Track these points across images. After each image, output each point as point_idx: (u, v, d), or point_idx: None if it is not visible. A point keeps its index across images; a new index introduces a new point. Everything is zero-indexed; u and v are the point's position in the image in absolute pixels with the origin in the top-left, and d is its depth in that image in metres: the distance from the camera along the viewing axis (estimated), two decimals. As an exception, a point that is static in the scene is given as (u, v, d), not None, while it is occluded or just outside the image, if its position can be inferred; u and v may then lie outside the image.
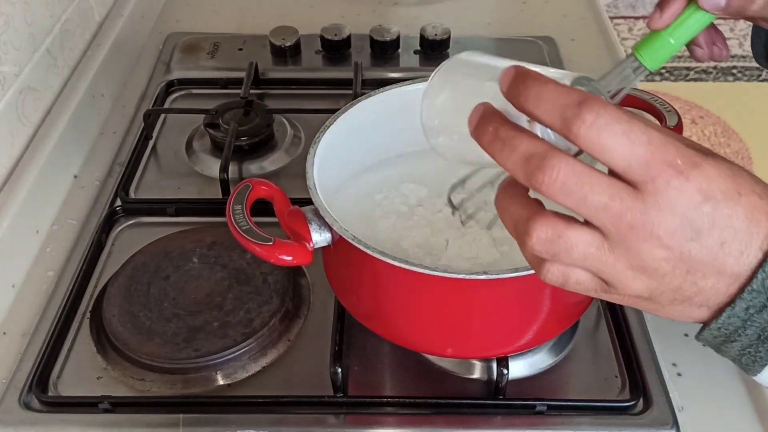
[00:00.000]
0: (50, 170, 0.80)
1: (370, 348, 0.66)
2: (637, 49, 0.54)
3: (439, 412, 0.62)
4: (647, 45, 0.54)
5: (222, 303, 0.68)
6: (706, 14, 0.51)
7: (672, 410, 0.61)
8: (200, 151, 0.88)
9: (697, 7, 0.51)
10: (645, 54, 0.54)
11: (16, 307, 0.71)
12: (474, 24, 1.11)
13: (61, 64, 0.89)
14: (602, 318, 0.69)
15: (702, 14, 0.51)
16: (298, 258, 0.56)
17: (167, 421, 0.61)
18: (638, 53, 0.54)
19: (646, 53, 0.54)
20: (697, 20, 0.52)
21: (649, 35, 0.54)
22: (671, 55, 0.53)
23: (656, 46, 0.53)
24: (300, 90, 0.99)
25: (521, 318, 0.58)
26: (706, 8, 0.50)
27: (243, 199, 0.58)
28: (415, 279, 0.53)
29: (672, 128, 0.63)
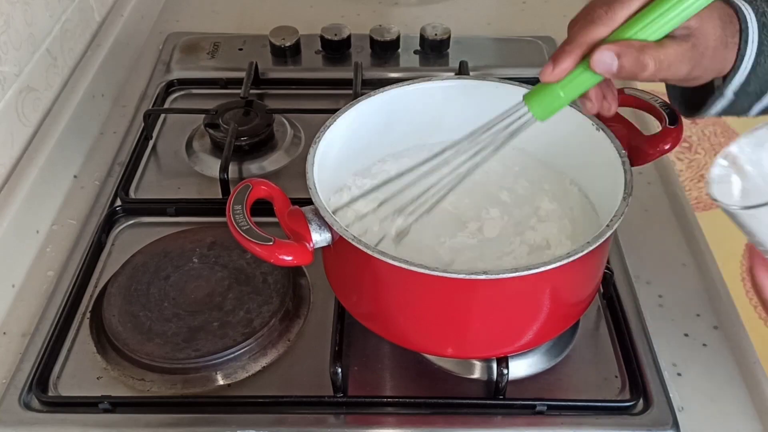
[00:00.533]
0: (50, 170, 0.80)
1: (370, 348, 0.66)
2: (528, 99, 0.54)
3: (439, 412, 0.62)
4: (538, 95, 0.54)
5: (222, 303, 0.68)
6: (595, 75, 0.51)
7: (672, 410, 0.61)
8: (200, 151, 0.88)
9: (587, 66, 0.51)
10: (535, 104, 0.54)
11: (16, 307, 0.71)
12: (474, 24, 1.11)
13: (61, 64, 0.89)
14: (602, 318, 0.69)
15: (592, 74, 0.51)
16: (298, 258, 0.56)
17: (167, 421, 0.61)
18: (528, 103, 0.54)
19: (536, 103, 0.54)
20: (588, 78, 0.52)
21: (541, 86, 0.53)
22: (561, 107, 0.53)
23: (547, 98, 0.53)
24: (300, 90, 0.98)
25: (521, 318, 0.58)
26: (598, 71, 0.51)
27: (243, 199, 0.58)
28: (415, 279, 0.53)
29: (672, 128, 0.63)
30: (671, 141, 0.63)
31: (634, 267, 0.74)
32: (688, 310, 0.70)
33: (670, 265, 0.75)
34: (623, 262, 0.74)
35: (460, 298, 0.55)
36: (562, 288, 0.57)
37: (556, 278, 0.55)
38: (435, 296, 0.55)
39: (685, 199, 0.82)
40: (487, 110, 0.70)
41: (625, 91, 0.67)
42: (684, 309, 0.70)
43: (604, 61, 0.50)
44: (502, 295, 0.55)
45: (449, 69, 1.00)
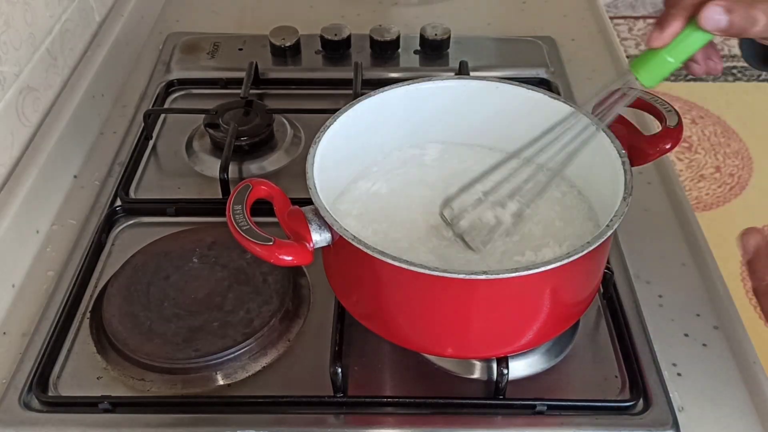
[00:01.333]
0: (50, 170, 0.80)
1: (370, 348, 0.66)
2: (635, 67, 0.54)
3: (439, 412, 0.62)
4: (645, 63, 0.54)
5: (222, 303, 0.68)
6: (705, 33, 0.51)
7: (672, 410, 0.61)
8: (200, 151, 0.88)
9: (696, 27, 0.50)
10: (643, 72, 0.54)
11: (16, 307, 0.71)
12: (474, 24, 1.11)
13: (61, 64, 0.89)
14: (602, 318, 0.69)
15: (701, 33, 0.51)
16: (298, 258, 0.56)
17: (167, 421, 0.61)
18: (636, 71, 0.54)
19: (644, 71, 0.54)
20: (697, 39, 0.52)
21: (647, 53, 0.53)
22: (669, 72, 0.53)
23: (654, 64, 0.53)
24: (300, 90, 0.98)
25: (521, 318, 0.58)
26: (707, 29, 0.50)
27: (243, 199, 0.58)
28: (415, 279, 0.53)
29: (672, 128, 0.63)
30: (671, 141, 0.63)
31: (634, 267, 0.74)
32: (688, 310, 0.70)
33: (670, 265, 0.75)
34: (623, 262, 0.74)
35: (460, 298, 0.55)
36: (562, 288, 0.57)
37: (556, 278, 0.55)
38: (435, 296, 0.55)
39: (685, 199, 0.82)
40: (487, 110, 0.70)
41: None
42: (684, 309, 0.70)
43: (713, 18, 0.49)
44: (502, 295, 0.55)
45: (449, 69, 1.00)
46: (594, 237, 0.54)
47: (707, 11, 0.49)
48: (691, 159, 2.31)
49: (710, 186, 2.22)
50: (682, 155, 2.32)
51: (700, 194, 2.19)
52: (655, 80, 0.54)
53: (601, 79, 1.00)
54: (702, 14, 0.50)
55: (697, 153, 2.33)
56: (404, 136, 0.71)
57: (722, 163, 2.29)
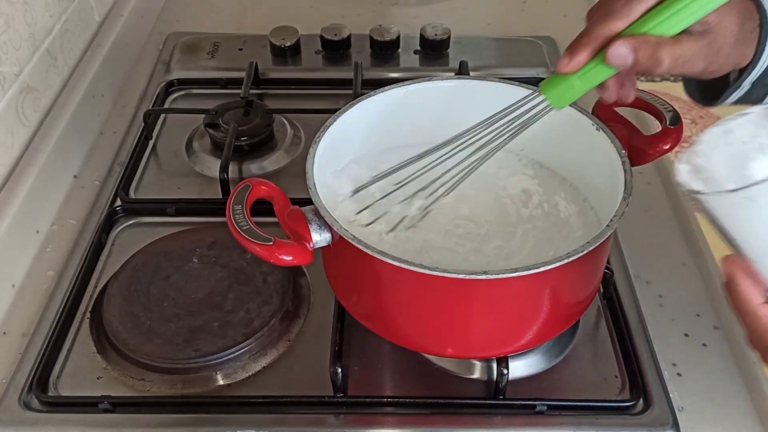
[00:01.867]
0: (50, 170, 0.80)
1: (370, 348, 0.66)
2: (545, 87, 0.55)
3: (439, 412, 0.62)
4: (554, 85, 0.54)
5: (222, 303, 0.68)
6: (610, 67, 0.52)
7: (672, 410, 0.61)
8: (200, 151, 0.88)
9: (603, 59, 0.51)
10: (551, 93, 0.55)
11: (16, 307, 0.71)
12: (474, 24, 1.11)
13: (61, 64, 0.89)
14: (602, 318, 0.69)
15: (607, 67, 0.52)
16: (298, 258, 0.56)
17: (167, 421, 0.61)
18: (545, 92, 0.55)
19: (552, 92, 0.54)
20: (603, 71, 0.52)
21: (557, 75, 0.54)
22: (577, 97, 0.54)
23: (563, 88, 0.54)
24: (300, 90, 0.99)
25: (521, 318, 0.58)
26: (613, 64, 0.51)
27: (243, 199, 0.58)
28: (415, 279, 0.53)
29: (672, 128, 0.63)
30: (671, 141, 0.63)
31: (634, 267, 0.74)
32: (688, 310, 0.70)
33: (670, 265, 0.75)
34: (623, 262, 0.74)
35: (460, 298, 0.55)
36: (562, 288, 0.57)
37: (556, 278, 0.55)
38: (435, 296, 0.55)
39: (685, 199, 0.82)
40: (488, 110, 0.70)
41: (625, 91, 0.67)
42: (684, 309, 0.70)
43: (619, 55, 0.50)
44: (502, 295, 0.55)
45: (449, 69, 1.00)
46: (594, 237, 0.54)
47: (614, 48, 0.50)
48: (691, 159, 2.31)
49: (710, 186, 2.21)
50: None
51: (700, 194, 2.19)
52: (562, 103, 0.55)
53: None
54: (609, 50, 0.50)
55: (697, 153, 2.33)
56: (404, 136, 0.71)
57: (722, 163, 2.29)
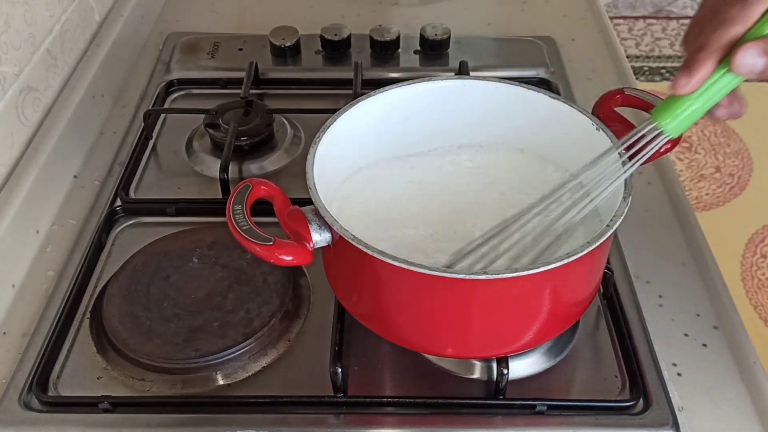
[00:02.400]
0: (50, 170, 0.80)
1: (370, 348, 0.66)
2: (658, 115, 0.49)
3: (439, 412, 0.62)
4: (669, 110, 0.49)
5: (222, 303, 0.68)
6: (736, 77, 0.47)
7: (672, 410, 0.61)
8: (200, 151, 0.88)
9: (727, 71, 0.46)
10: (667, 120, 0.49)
11: (16, 307, 0.71)
12: (474, 24, 1.11)
13: (61, 64, 0.89)
14: (602, 318, 0.69)
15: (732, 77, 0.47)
16: (298, 258, 0.56)
17: (167, 421, 0.61)
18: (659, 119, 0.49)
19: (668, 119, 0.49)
20: (727, 84, 0.48)
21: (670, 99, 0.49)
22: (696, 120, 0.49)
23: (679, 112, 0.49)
24: (300, 90, 0.98)
25: (521, 318, 0.58)
26: (741, 73, 0.46)
27: (243, 199, 0.58)
28: (415, 279, 0.53)
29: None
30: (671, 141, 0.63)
31: (634, 267, 0.74)
32: (688, 310, 0.70)
33: (670, 265, 0.75)
34: (623, 262, 0.74)
35: (460, 298, 0.55)
36: (562, 288, 0.57)
37: (556, 278, 0.55)
38: (435, 296, 0.55)
39: (685, 199, 0.82)
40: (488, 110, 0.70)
41: (625, 91, 0.67)
42: (684, 309, 0.70)
43: (747, 63, 0.46)
44: (502, 295, 0.55)
45: (449, 69, 1.00)
46: (594, 237, 0.54)
47: (742, 55, 0.46)
48: (691, 159, 2.31)
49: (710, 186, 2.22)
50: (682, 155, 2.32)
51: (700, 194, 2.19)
52: (681, 129, 0.49)
53: (601, 79, 1.00)
54: (736, 57, 0.46)
55: (697, 153, 2.33)
56: (404, 136, 0.71)
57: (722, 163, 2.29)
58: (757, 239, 2.04)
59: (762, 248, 2.02)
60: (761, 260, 1.98)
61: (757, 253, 2.00)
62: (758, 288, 1.91)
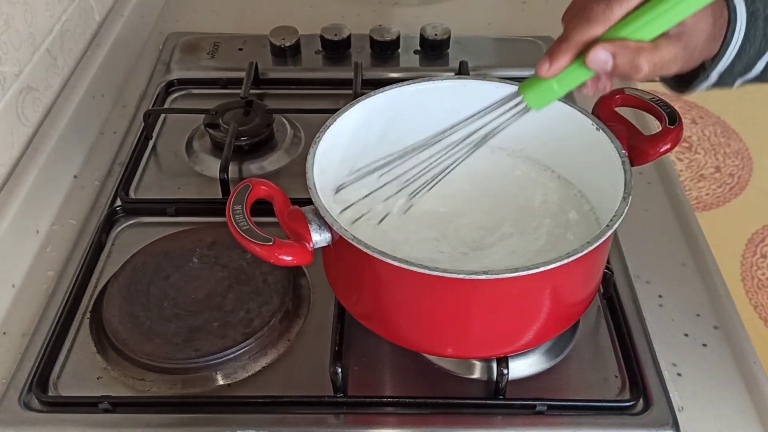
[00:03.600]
0: (50, 170, 0.80)
1: (370, 348, 0.66)
2: (523, 89, 0.55)
3: (439, 412, 0.62)
4: (533, 87, 0.55)
5: (222, 303, 0.68)
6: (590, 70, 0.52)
7: (672, 410, 0.61)
8: (200, 151, 0.88)
9: (582, 62, 0.51)
10: (530, 95, 0.55)
11: (16, 307, 0.71)
12: (474, 24, 1.11)
13: (61, 64, 0.89)
14: (602, 318, 0.69)
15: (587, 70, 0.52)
16: (298, 258, 0.56)
17: (167, 421, 0.61)
18: (524, 93, 0.55)
19: (531, 94, 0.55)
20: (582, 74, 0.53)
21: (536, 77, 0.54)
22: (555, 99, 0.55)
23: (542, 90, 0.54)
24: (300, 90, 0.98)
25: (521, 318, 0.58)
26: (593, 69, 0.51)
27: (243, 199, 0.58)
28: (415, 279, 0.53)
29: (672, 128, 0.63)
30: (671, 141, 0.63)
31: (634, 267, 0.74)
32: (688, 310, 0.70)
33: (670, 265, 0.75)
34: (623, 262, 0.74)
35: (460, 298, 0.55)
36: (562, 288, 0.57)
37: (556, 278, 0.55)
38: (435, 296, 0.55)
39: (685, 199, 0.82)
40: (487, 110, 0.70)
41: (625, 91, 0.67)
42: (684, 309, 0.70)
43: (599, 60, 0.51)
44: (502, 295, 0.55)
45: (449, 69, 1.00)
46: (594, 237, 0.54)
47: (594, 53, 0.51)
48: (691, 159, 2.31)
49: (710, 186, 2.22)
50: (682, 155, 2.32)
51: (700, 194, 2.19)
52: (541, 104, 0.55)
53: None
54: (589, 55, 0.51)
55: (697, 153, 2.33)
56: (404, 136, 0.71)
57: (722, 163, 2.29)
58: (757, 239, 2.04)
59: (762, 248, 2.02)
60: (761, 260, 1.98)
61: (757, 253, 2.00)
62: (758, 288, 1.91)
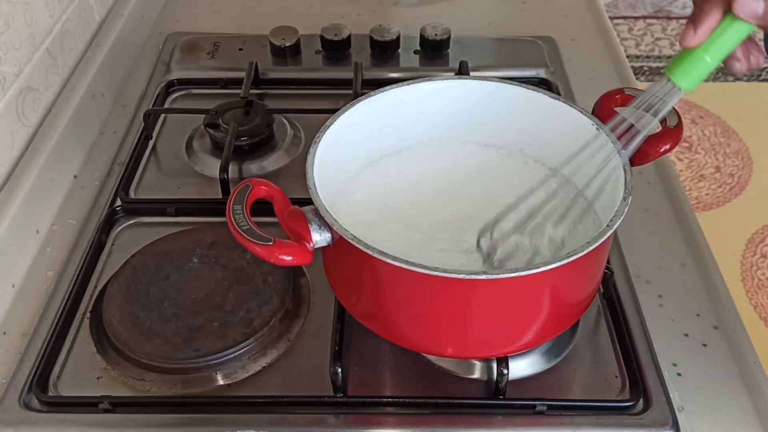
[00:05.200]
0: (50, 170, 0.80)
1: (370, 348, 0.66)
2: (670, 71, 0.51)
3: (439, 412, 0.62)
4: (681, 65, 0.50)
5: (222, 303, 0.68)
6: (743, 26, 0.48)
7: (672, 410, 0.61)
8: (200, 151, 0.88)
9: (733, 19, 0.47)
10: (679, 75, 0.50)
11: (16, 307, 0.71)
12: (474, 24, 1.11)
13: (61, 64, 0.89)
14: (602, 318, 0.69)
15: (739, 26, 0.48)
16: (298, 258, 0.56)
17: (167, 421, 0.61)
18: (672, 74, 0.51)
19: (680, 74, 0.50)
20: (734, 33, 0.49)
21: (682, 54, 0.50)
22: (708, 73, 0.50)
23: (691, 65, 0.50)
24: (300, 90, 0.98)
25: (521, 318, 0.58)
26: (742, 17, 0.47)
27: (243, 199, 0.58)
28: (415, 279, 0.53)
29: (672, 128, 0.63)
30: (671, 141, 0.63)
31: (634, 267, 0.74)
32: (688, 310, 0.70)
33: (670, 265, 0.75)
34: (623, 262, 0.74)
35: (460, 298, 0.55)
36: (562, 288, 0.57)
37: (556, 278, 0.55)
38: (435, 296, 0.55)
39: (685, 199, 0.82)
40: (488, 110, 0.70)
41: (625, 91, 0.67)
42: (684, 309, 0.70)
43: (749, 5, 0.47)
44: (502, 295, 0.55)
45: (449, 69, 1.00)
46: (594, 237, 0.54)
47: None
48: (691, 159, 2.31)
49: (710, 186, 2.22)
50: (682, 155, 2.32)
51: (700, 194, 2.19)
52: (693, 83, 0.51)
53: (601, 79, 1.00)
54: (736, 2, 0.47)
55: (697, 153, 2.33)
56: (404, 136, 0.71)
57: (722, 163, 2.29)
58: (757, 239, 2.04)
59: (762, 248, 2.02)
60: (761, 260, 1.98)
61: (757, 253, 2.00)
62: (758, 288, 1.91)
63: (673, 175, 0.85)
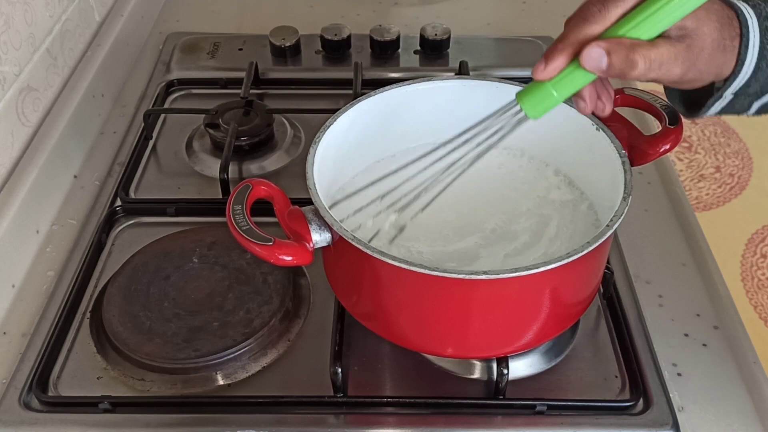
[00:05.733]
0: (50, 170, 0.80)
1: (370, 348, 0.66)
2: (521, 98, 0.54)
3: (439, 412, 0.62)
4: (531, 94, 0.53)
5: (222, 303, 0.68)
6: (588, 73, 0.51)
7: (672, 410, 0.61)
8: (200, 151, 0.88)
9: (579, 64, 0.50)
10: (527, 103, 0.53)
11: (16, 307, 0.71)
12: (474, 24, 1.11)
13: (61, 64, 0.89)
14: (602, 318, 0.69)
15: (584, 72, 0.51)
16: (298, 258, 0.56)
17: (167, 421, 0.61)
18: (521, 101, 0.53)
19: (529, 104, 0.53)
20: (580, 77, 0.51)
21: (534, 84, 0.53)
22: (553, 106, 0.53)
23: (539, 96, 0.53)
24: (300, 90, 0.98)
25: (521, 318, 0.58)
26: (587, 68, 0.50)
27: (243, 199, 0.58)
28: (414, 279, 0.53)
29: (672, 128, 0.63)
30: (671, 141, 0.63)
31: (634, 267, 0.74)
32: (688, 310, 0.70)
33: (670, 265, 0.75)
34: (623, 262, 0.74)
35: (460, 298, 0.55)
36: (562, 288, 0.57)
37: (556, 278, 0.55)
38: (435, 296, 0.55)
39: (685, 199, 0.82)
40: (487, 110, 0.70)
41: (625, 91, 0.67)
42: (684, 309, 0.70)
43: (593, 58, 0.50)
44: (502, 295, 0.55)
45: (449, 69, 1.00)
46: (594, 237, 0.54)
47: (588, 51, 0.50)
48: (691, 159, 2.31)
49: (710, 186, 2.22)
50: (682, 155, 2.32)
51: (700, 194, 2.19)
52: (539, 112, 0.53)
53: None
54: (583, 54, 0.50)
55: (697, 153, 2.33)
56: (404, 136, 0.71)
57: (722, 163, 2.29)
58: (757, 239, 2.04)
59: (762, 248, 2.02)
60: (761, 260, 1.98)
61: (757, 253, 2.00)
62: (758, 288, 1.91)
63: (673, 175, 0.85)
